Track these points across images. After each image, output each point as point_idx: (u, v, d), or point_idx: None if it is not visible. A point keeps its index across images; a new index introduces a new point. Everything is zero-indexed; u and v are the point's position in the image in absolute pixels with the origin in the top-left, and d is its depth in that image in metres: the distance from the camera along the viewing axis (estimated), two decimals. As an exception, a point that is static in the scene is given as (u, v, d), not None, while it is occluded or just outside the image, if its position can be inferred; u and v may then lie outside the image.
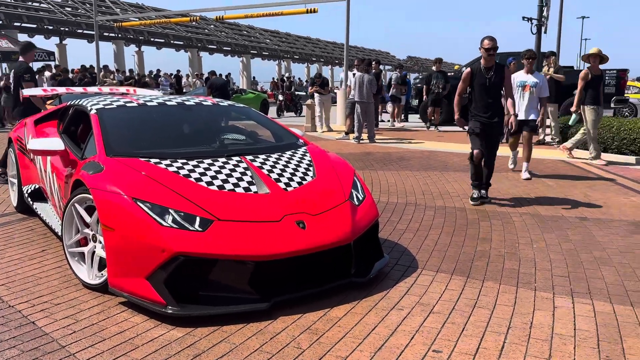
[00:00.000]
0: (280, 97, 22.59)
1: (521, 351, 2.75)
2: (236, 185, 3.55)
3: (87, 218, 3.59)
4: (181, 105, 4.77)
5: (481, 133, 5.83)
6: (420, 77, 20.05)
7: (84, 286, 3.58)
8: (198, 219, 3.20)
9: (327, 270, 3.49)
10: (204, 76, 26.10)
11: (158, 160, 3.71)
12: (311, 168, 4.01)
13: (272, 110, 22.41)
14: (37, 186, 5.21)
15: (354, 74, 12.21)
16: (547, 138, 11.55)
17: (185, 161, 3.74)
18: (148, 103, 4.68)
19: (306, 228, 3.36)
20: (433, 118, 14.60)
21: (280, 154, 4.15)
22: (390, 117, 16.42)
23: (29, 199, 5.25)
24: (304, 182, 3.78)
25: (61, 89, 6.88)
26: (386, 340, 2.88)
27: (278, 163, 3.95)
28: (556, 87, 10.85)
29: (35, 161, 5.13)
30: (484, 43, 5.76)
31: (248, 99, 20.54)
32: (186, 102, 4.83)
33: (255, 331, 2.97)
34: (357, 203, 3.82)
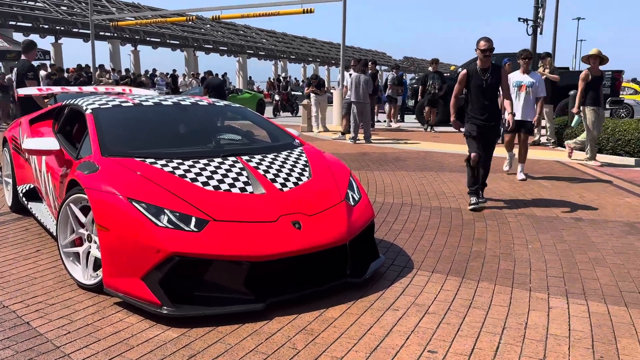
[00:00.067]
0: (276, 97, 22.61)
1: (516, 352, 2.76)
2: (232, 185, 3.54)
3: (82, 218, 3.59)
4: (177, 105, 4.76)
5: (478, 136, 5.81)
6: (416, 78, 20.09)
7: (79, 286, 3.57)
8: (193, 219, 3.20)
9: (323, 270, 3.49)
10: (200, 76, 26.06)
11: (154, 160, 3.71)
12: (307, 168, 4.01)
13: (269, 110, 22.41)
14: (32, 186, 5.20)
15: (351, 75, 12.22)
16: (543, 139, 11.59)
17: (180, 161, 3.73)
18: (144, 103, 4.67)
19: (302, 228, 3.36)
20: (429, 119, 14.62)
21: (276, 154, 4.15)
22: (386, 118, 16.44)
23: (24, 199, 5.23)
24: (300, 183, 3.78)
25: (56, 88, 6.87)
26: (381, 340, 2.88)
27: (274, 163, 3.95)
28: (552, 88, 10.88)
29: (30, 161, 5.12)
30: (480, 44, 5.73)
31: (244, 99, 20.54)
32: (182, 102, 4.82)
33: (250, 332, 2.97)
34: (353, 203, 3.82)
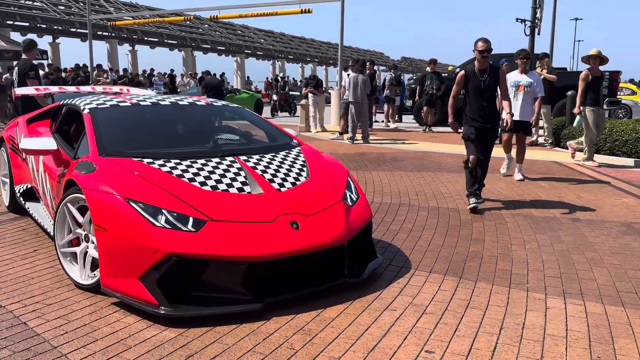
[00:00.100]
0: (274, 97, 22.58)
1: (513, 352, 2.76)
2: (230, 185, 3.54)
3: (80, 218, 3.58)
4: (175, 105, 4.76)
5: (476, 138, 5.79)
6: (414, 78, 20.10)
7: (76, 286, 3.57)
8: (191, 220, 3.20)
9: (321, 270, 3.49)
10: (198, 76, 26.03)
11: (151, 160, 3.70)
12: (305, 168, 4.01)
13: (266, 110, 22.41)
14: (30, 186, 5.18)
15: (349, 75, 12.23)
16: (540, 139, 11.61)
17: (178, 161, 3.72)
18: (141, 103, 4.67)
19: (299, 228, 3.36)
20: (427, 119, 14.63)
21: (274, 154, 4.15)
22: (384, 118, 16.45)
23: (21, 199, 5.22)
24: (298, 183, 3.78)
25: (54, 88, 6.85)
26: (379, 340, 2.88)
27: (272, 163, 3.95)
28: (549, 89, 10.90)
29: (27, 161, 5.10)
30: (478, 45, 5.69)
31: (242, 99, 20.54)
32: (180, 102, 4.82)
33: (248, 332, 2.97)
34: (351, 203, 3.82)
